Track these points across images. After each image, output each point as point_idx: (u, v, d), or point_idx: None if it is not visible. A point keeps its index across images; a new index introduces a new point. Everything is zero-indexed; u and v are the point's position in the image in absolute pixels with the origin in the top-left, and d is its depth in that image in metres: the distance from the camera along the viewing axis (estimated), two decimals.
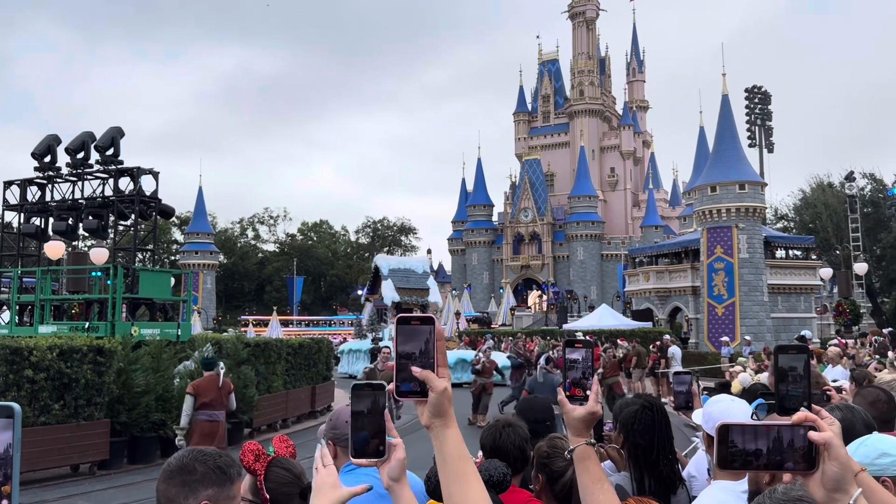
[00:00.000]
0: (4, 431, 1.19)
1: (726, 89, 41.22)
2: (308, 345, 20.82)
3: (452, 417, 1.51)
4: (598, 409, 2.01)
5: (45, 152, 19.01)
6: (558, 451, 3.12)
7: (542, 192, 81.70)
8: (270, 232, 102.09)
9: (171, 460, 1.93)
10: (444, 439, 1.50)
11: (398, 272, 34.42)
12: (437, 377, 1.49)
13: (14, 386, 11.68)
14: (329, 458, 1.66)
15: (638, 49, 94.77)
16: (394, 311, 33.07)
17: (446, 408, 1.50)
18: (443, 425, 1.50)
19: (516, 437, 3.43)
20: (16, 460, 1.19)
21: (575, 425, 2.02)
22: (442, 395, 1.48)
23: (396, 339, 1.50)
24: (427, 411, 1.50)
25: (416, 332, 1.50)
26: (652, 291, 47.56)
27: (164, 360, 14.28)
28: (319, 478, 1.64)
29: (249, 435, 16.79)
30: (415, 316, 1.52)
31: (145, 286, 17.15)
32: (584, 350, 2.13)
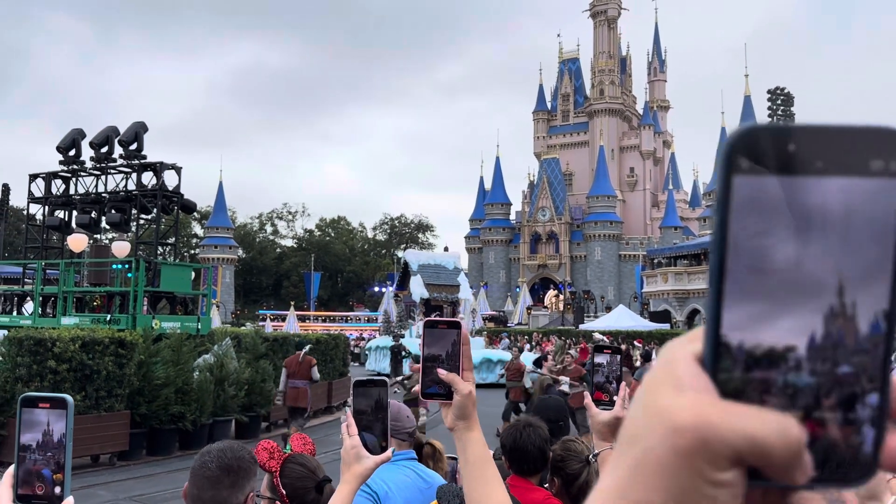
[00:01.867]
0: (59, 422, 1.23)
1: (749, 90, 40.91)
2: (325, 340, 20.92)
3: (476, 420, 1.54)
4: (625, 415, 2.03)
5: (70, 146, 19.25)
6: (572, 453, 3.13)
7: (561, 192, 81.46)
8: (289, 227, 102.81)
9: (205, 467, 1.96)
10: (467, 442, 1.53)
11: (428, 268, 33.78)
12: (463, 380, 1.51)
13: (37, 376, 11.86)
14: (354, 428, 1.71)
15: (660, 48, 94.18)
16: (423, 308, 32.79)
17: (470, 411, 1.52)
18: (466, 428, 1.52)
19: (537, 438, 3.46)
20: (68, 449, 1.23)
21: (600, 430, 2.04)
22: (467, 399, 1.51)
23: (423, 342, 1.53)
24: (451, 414, 1.52)
25: (442, 335, 1.53)
26: (670, 293, 47.32)
27: (184, 354, 14.42)
28: (344, 448, 1.70)
29: (267, 429, 16.93)
30: (442, 319, 1.55)
31: (166, 280, 17.32)
32: (609, 355, 2.15)
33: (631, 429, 0.43)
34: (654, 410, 0.41)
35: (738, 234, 0.38)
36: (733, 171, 0.38)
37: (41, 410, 1.23)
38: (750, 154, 0.38)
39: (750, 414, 0.39)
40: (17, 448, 1.23)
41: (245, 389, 15.58)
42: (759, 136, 0.38)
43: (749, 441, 0.39)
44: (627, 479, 0.42)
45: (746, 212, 0.38)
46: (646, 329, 37.66)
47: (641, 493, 0.41)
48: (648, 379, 0.43)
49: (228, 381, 15.15)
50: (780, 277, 0.38)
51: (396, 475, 2.80)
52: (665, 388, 0.42)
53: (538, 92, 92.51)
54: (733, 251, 0.38)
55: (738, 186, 0.38)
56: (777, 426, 0.39)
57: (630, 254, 78.19)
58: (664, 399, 0.41)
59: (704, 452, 0.39)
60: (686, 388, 0.41)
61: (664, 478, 0.40)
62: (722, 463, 0.39)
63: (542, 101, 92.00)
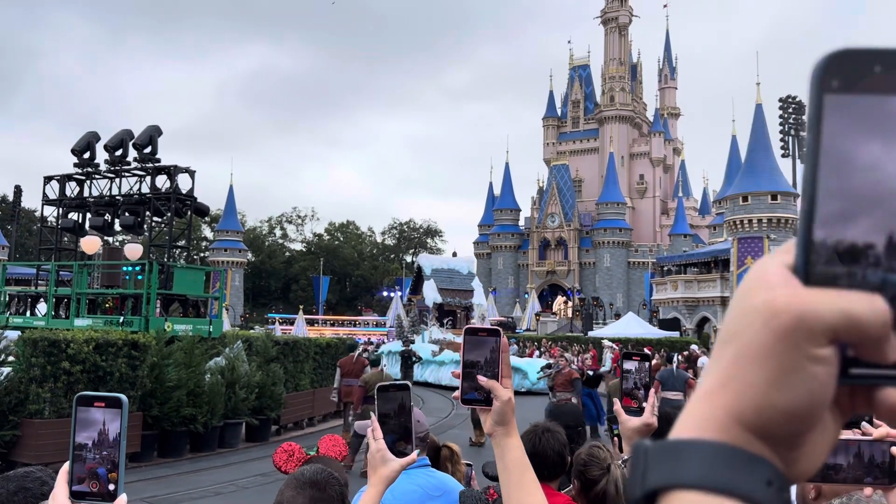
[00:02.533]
0: (114, 421, 1.25)
1: (760, 98, 40.76)
2: (335, 344, 20.99)
3: (515, 426, 1.57)
4: (654, 421, 2.04)
5: (85, 149, 19.41)
6: (595, 460, 3.15)
7: (570, 198, 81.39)
8: (298, 231, 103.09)
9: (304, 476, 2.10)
10: (506, 447, 1.55)
11: (442, 272, 33.48)
12: (502, 387, 1.54)
13: (51, 377, 11.94)
14: (379, 432, 1.74)
15: (671, 55, 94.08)
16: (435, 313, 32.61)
17: (509, 417, 1.55)
18: (505, 434, 1.55)
19: (556, 443, 3.47)
20: (122, 448, 1.25)
21: (629, 436, 2.05)
22: (506, 405, 1.54)
23: (463, 349, 1.56)
24: (490, 419, 1.55)
25: (482, 343, 1.56)
26: (680, 300, 47.15)
27: (196, 356, 14.48)
28: (370, 452, 1.73)
29: (277, 432, 16.96)
30: (482, 328, 1.58)
31: (179, 283, 17.41)
32: (638, 362, 2.17)
33: (726, 331, 0.46)
34: (750, 307, 0.45)
35: (829, 145, 0.42)
36: (825, 90, 0.41)
37: (97, 409, 1.24)
38: (839, 74, 0.41)
39: (841, 293, 0.42)
40: (72, 446, 1.25)
41: (256, 392, 15.63)
42: (847, 59, 0.41)
43: (843, 315, 0.42)
44: (729, 370, 0.45)
45: (836, 124, 0.41)
46: (655, 337, 37.53)
47: (746, 378, 0.44)
48: (741, 289, 0.47)
49: (239, 384, 15.21)
50: (863, 180, 0.42)
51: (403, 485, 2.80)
52: (757, 290, 0.45)
53: (548, 98, 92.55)
54: (825, 160, 0.42)
55: (828, 103, 0.42)
56: (868, 301, 0.42)
57: (639, 261, 77.99)
58: (759, 297, 0.45)
59: (803, 329, 0.42)
60: (777, 286, 0.44)
61: (766, 360, 0.43)
62: (819, 338, 0.42)
63: (553, 108, 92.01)
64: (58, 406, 11.94)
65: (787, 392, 0.43)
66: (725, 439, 0.44)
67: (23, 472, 2.19)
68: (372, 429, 1.74)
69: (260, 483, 11.81)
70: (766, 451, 0.44)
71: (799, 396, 0.43)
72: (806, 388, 0.43)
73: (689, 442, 0.45)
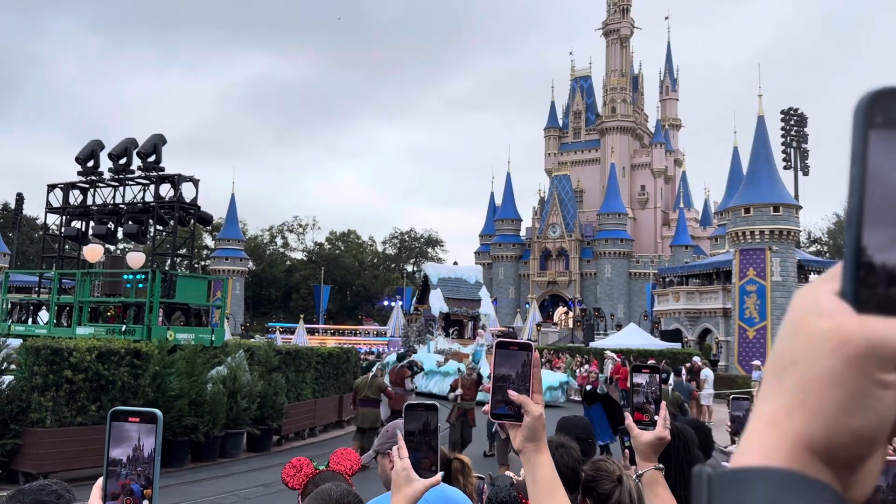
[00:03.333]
0: (148, 437, 1.24)
1: (762, 110, 40.84)
2: (337, 354, 20.95)
3: (545, 442, 1.55)
4: (667, 435, 2.03)
5: (89, 157, 19.43)
6: (603, 473, 3.12)
7: (571, 209, 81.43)
8: (299, 240, 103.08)
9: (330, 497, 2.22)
10: (536, 464, 1.54)
11: (449, 282, 32.72)
12: (533, 402, 1.52)
13: (53, 385, 11.91)
14: (405, 450, 1.71)
15: (672, 67, 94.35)
16: (442, 322, 32.08)
17: (540, 433, 1.53)
18: (535, 450, 1.53)
19: (570, 459, 3.44)
20: (156, 465, 1.24)
21: (642, 450, 2.03)
22: (537, 421, 1.52)
23: (494, 362, 1.54)
24: (520, 435, 1.53)
25: (513, 357, 1.54)
26: (681, 312, 47.08)
27: (198, 366, 14.46)
28: (395, 471, 1.70)
29: (278, 442, 16.91)
30: (513, 341, 1.56)
31: (182, 291, 17.40)
32: (648, 375, 2.15)
33: (784, 357, 0.47)
34: (813, 333, 0.45)
35: (874, 177, 0.44)
36: (869, 125, 0.45)
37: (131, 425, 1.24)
38: (883, 111, 0.45)
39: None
40: (106, 461, 1.24)
41: (257, 402, 15.59)
42: (890, 96, 0.44)
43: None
44: (796, 396, 0.45)
45: (881, 157, 0.44)
46: (657, 348, 37.44)
47: (816, 404, 0.44)
48: (793, 316, 0.48)
49: (241, 394, 15.17)
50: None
51: None
52: (815, 317, 0.46)
53: (550, 109, 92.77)
54: (871, 191, 0.44)
55: (873, 137, 0.45)
56: None
57: (640, 272, 77.92)
58: (820, 324, 0.45)
59: (873, 356, 0.44)
60: (835, 313, 0.45)
61: (836, 386, 0.44)
62: (888, 365, 0.44)
63: (554, 118, 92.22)
64: (60, 415, 11.91)
65: (859, 417, 0.44)
66: (794, 466, 0.45)
67: (38, 486, 2.17)
68: (398, 447, 1.71)
69: (261, 494, 11.76)
70: (829, 477, 0.45)
71: (869, 421, 0.44)
72: (876, 412, 0.44)
73: (757, 470, 0.45)
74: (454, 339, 31.49)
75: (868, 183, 0.44)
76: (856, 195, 0.45)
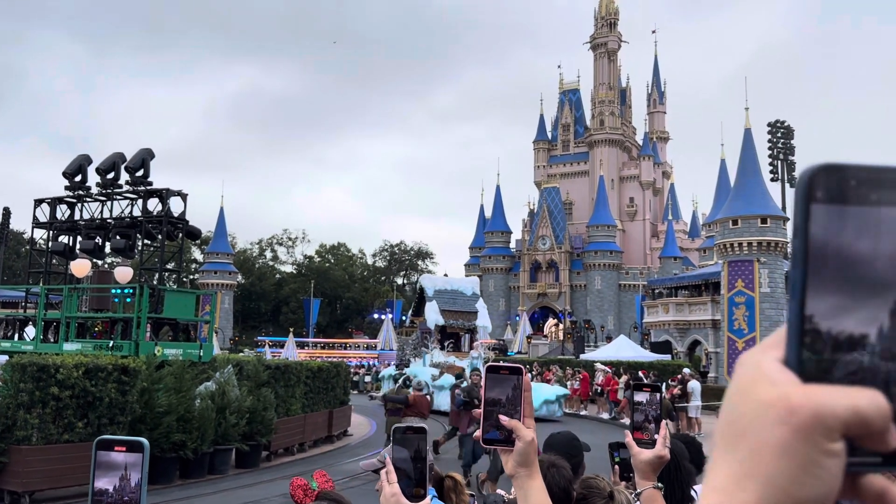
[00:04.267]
0: (135, 466, 1.23)
1: (749, 123, 41.19)
2: (327, 368, 20.83)
3: (538, 468, 1.54)
4: (666, 454, 2.03)
5: (76, 172, 19.34)
6: (594, 490, 3.11)
7: (561, 221, 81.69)
8: (289, 253, 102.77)
9: None
10: (529, 490, 1.52)
11: (445, 294, 32.01)
12: (525, 427, 1.50)
13: (40, 402, 11.78)
14: (394, 475, 1.70)
15: (659, 80, 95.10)
16: (437, 335, 31.26)
17: (532, 458, 1.52)
18: (528, 476, 1.52)
19: (561, 479, 3.42)
20: (143, 493, 1.23)
21: (641, 468, 2.03)
22: (529, 446, 1.50)
23: (485, 387, 1.53)
24: (512, 460, 1.52)
25: (503, 381, 1.53)
26: (671, 323, 47.20)
27: (186, 381, 14.35)
28: (384, 496, 1.69)
29: (267, 458, 16.77)
30: (503, 365, 1.56)
31: (169, 306, 17.29)
32: (649, 394, 2.15)
33: (732, 426, 0.47)
34: (761, 402, 0.46)
35: (815, 248, 0.46)
36: (810, 199, 0.47)
37: (117, 454, 1.22)
38: (823, 186, 0.47)
39: (847, 390, 0.46)
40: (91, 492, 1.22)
41: (246, 418, 15.46)
42: (829, 173, 0.47)
43: (853, 411, 0.45)
44: (744, 466, 0.46)
45: (823, 229, 0.46)
46: (647, 360, 37.48)
47: (765, 475, 0.45)
48: (739, 384, 0.49)
49: (230, 410, 15.05)
50: (848, 277, 0.46)
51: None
52: (761, 385, 0.47)
53: (539, 122, 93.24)
54: (813, 261, 0.46)
55: (814, 210, 0.47)
56: (871, 397, 0.45)
57: (630, 283, 78.12)
58: (767, 393, 0.47)
59: (819, 426, 0.44)
60: (781, 383, 0.47)
61: (785, 456, 0.45)
62: (833, 434, 0.45)
63: (543, 131, 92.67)
64: (46, 432, 11.78)
65: (807, 486, 0.45)
66: None
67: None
68: (386, 471, 1.70)
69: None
70: None
71: (817, 490, 0.45)
72: (822, 481, 0.45)
73: None
74: (449, 351, 31.01)
75: (810, 254, 0.46)
76: (799, 266, 0.47)
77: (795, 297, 0.47)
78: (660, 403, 2.16)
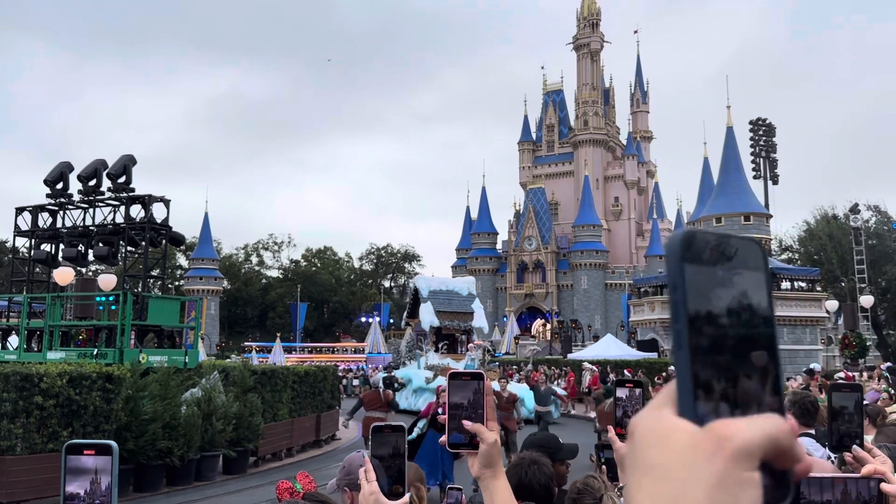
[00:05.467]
0: (105, 469, 1.24)
1: (731, 121, 41.55)
2: (314, 372, 20.78)
3: (502, 469, 1.58)
4: None
5: (58, 179, 19.21)
6: (589, 489, 3.17)
7: (547, 221, 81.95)
8: (275, 258, 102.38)
9: None
10: (493, 490, 1.57)
11: (440, 294, 31.16)
12: (488, 430, 1.55)
13: (23, 412, 11.69)
14: (372, 473, 1.73)
15: (642, 80, 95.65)
16: (433, 337, 30.48)
17: (496, 459, 1.56)
18: (493, 476, 1.57)
19: (542, 476, 3.49)
20: (114, 496, 1.24)
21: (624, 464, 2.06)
22: (492, 447, 1.55)
23: (448, 393, 1.57)
24: (477, 462, 1.56)
25: (465, 386, 1.58)
26: (657, 322, 47.45)
27: (171, 388, 14.28)
28: (362, 495, 1.72)
29: (255, 464, 16.72)
30: (465, 371, 1.61)
31: (154, 313, 17.21)
32: (630, 389, 2.19)
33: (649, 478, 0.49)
34: (682, 447, 0.49)
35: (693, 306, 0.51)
36: (683, 260, 0.52)
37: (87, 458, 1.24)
38: (690, 248, 0.52)
39: (753, 420, 0.49)
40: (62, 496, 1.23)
41: (233, 424, 15.41)
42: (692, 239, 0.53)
43: (767, 437, 0.48)
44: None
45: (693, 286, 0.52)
46: (634, 358, 37.66)
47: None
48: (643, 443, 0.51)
49: (216, 416, 14.99)
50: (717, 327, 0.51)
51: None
52: (675, 434, 0.49)
53: (523, 123, 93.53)
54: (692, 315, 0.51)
55: (687, 270, 0.52)
56: (773, 421, 0.49)
57: (616, 283, 78.49)
58: (685, 437, 0.49)
59: (746, 453, 0.47)
60: (693, 428, 0.49)
61: (718, 488, 0.47)
62: (754, 462, 0.47)
63: (528, 132, 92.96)
64: (30, 442, 11.69)
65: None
66: None
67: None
68: (365, 470, 1.73)
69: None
70: None
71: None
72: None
73: None
74: (444, 353, 30.14)
75: (689, 306, 0.50)
76: (681, 319, 0.51)
77: (682, 350, 0.50)
78: (641, 399, 2.18)
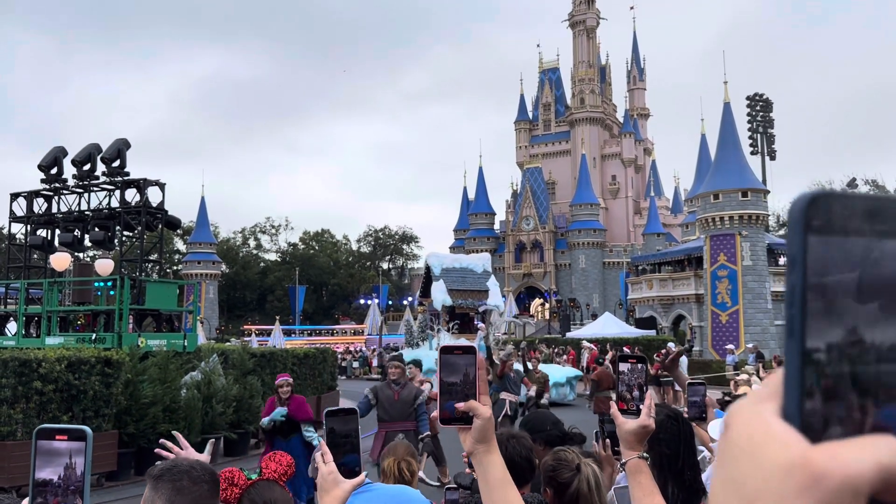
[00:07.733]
0: (79, 455, 1.20)
1: (728, 97, 41.34)
2: (313, 354, 20.86)
3: (495, 443, 1.57)
4: (651, 423, 2.04)
5: (52, 164, 19.11)
6: (563, 462, 3.16)
7: (544, 200, 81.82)
8: (272, 241, 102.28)
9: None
10: (488, 465, 1.55)
11: (453, 272, 29.95)
12: (481, 405, 1.54)
13: (23, 398, 11.72)
14: (329, 455, 1.76)
15: (638, 57, 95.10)
16: (445, 316, 29.44)
17: (490, 434, 1.55)
18: (486, 451, 1.55)
19: (522, 448, 3.51)
20: (87, 482, 1.20)
21: (627, 438, 2.04)
22: (487, 422, 1.54)
23: (440, 369, 1.55)
24: (471, 437, 1.55)
25: (457, 362, 1.56)
26: (655, 299, 47.56)
27: (171, 372, 14.32)
28: (321, 475, 1.73)
29: (255, 446, 16.80)
30: (456, 346, 1.58)
31: (152, 297, 17.20)
32: (632, 364, 2.17)
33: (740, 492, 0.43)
34: (774, 467, 0.42)
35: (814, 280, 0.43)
36: (807, 230, 0.43)
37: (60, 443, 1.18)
38: (818, 215, 0.43)
39: (864, 443, 0.41)
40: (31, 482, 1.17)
41: (233, 406, 15.48)
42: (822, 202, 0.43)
43: (879, 468, 0.40)
44: None
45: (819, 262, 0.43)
46: (632, 336, 37.82)
47: None
48: (737, 442, 0.44)
49: (216, 399, 15.05)
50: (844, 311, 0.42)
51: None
52: (771, 447, 0.42)
53: (519, 102, 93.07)
54: (812, 298, 0.43)
55: (811, 242, 0.43)
56: (890, 447, 0.41)
57: (614, 261, 78.59)
58: (780, 456, 0.42)
59: (849, 492, 0.40)
60: (794, 443, 0.42)
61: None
62: (862, 497, 0.40)
63: (524, 111, 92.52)
64: (30, 427, 11.72)
65: None
66: None
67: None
68: (322, 452, 1.77)
69: None
70: None
71: None
72: None
73: None
74: (456, 333, 28.87)
75: (809, 289, 0.42)
76: (796, 303, 0.43)
77: (794, 337, 0.42)
78: (643, 374, 2.16)
